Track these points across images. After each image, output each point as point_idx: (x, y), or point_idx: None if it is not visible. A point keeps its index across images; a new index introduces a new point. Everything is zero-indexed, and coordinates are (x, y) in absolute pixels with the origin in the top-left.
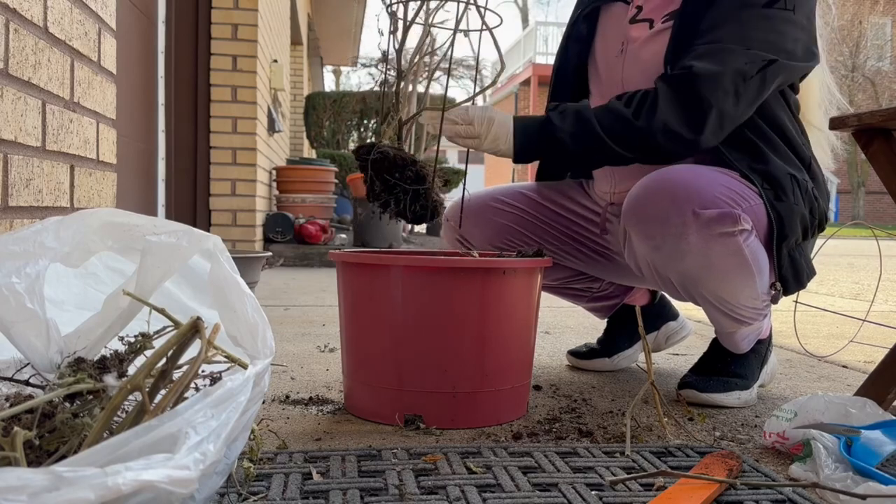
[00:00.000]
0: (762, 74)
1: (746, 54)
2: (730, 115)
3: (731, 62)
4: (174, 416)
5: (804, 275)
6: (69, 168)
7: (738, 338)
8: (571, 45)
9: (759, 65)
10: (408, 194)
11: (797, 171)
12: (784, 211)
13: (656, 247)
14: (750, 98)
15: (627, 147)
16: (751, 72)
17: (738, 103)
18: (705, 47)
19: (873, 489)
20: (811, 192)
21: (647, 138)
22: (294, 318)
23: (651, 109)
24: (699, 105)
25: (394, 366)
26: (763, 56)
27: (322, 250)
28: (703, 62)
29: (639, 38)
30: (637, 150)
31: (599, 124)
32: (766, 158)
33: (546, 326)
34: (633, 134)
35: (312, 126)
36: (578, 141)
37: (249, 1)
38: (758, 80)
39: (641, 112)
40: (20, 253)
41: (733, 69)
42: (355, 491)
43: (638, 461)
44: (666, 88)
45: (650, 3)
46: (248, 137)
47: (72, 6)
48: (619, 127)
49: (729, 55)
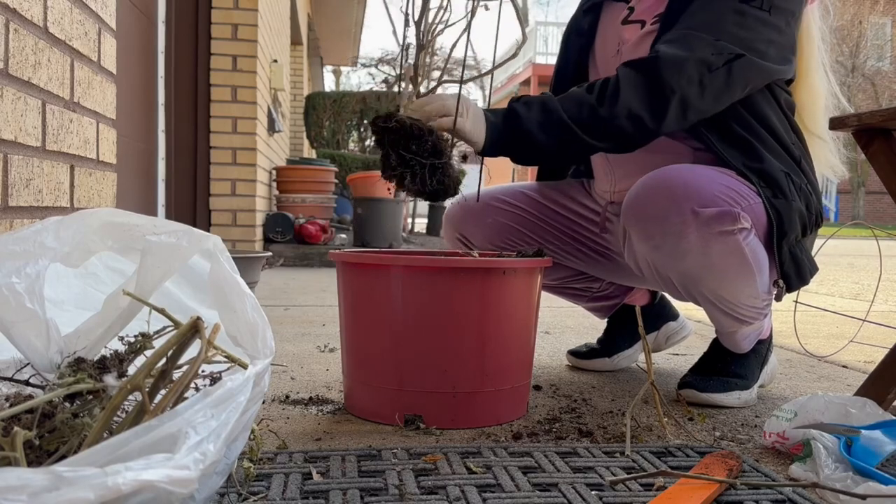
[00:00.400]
0: (728, 67)
1: (714, 45)
2: (694, 105)
3: (697, 49)
4: (174, 416)
5: (806, 270)
6: (69, 168)
7: (739, 337)
8: (573, 39)
9: (725, 57)
10: (424, 168)
11: (790, 168)
12: (783, 208)
13: (656, 246)
14: (716, 90)
15: (594, 134)
16: (717, 63)
17: (703, 94)
18: (674, 33)
19: (873, 489)
20: (805, 189)
21: (611, 123)
22: (294, 318)
23: (614, 95)
24: (661, 90)
25: (394, 366)
26: (730, 49)
27: (322, 250)
28: (670, 47)
29: (631, 39)
30: (603, 138)
31: (565, 112)
32: (761, 156)
33: (546, 326)
34: (597, 120)
35: (312, 126)
36: (546, 131)
37: (249, 1)
38: (723, 72)
39: (605, 98)
40: (20, 253)
41: (697, 57)
42: (355, 491)
43: (638, 461)
44: (628, 72)
45: (642, 4)
46: (248, 137)
47: (72, 6)
48: (585, 114)
49: (696, 42)
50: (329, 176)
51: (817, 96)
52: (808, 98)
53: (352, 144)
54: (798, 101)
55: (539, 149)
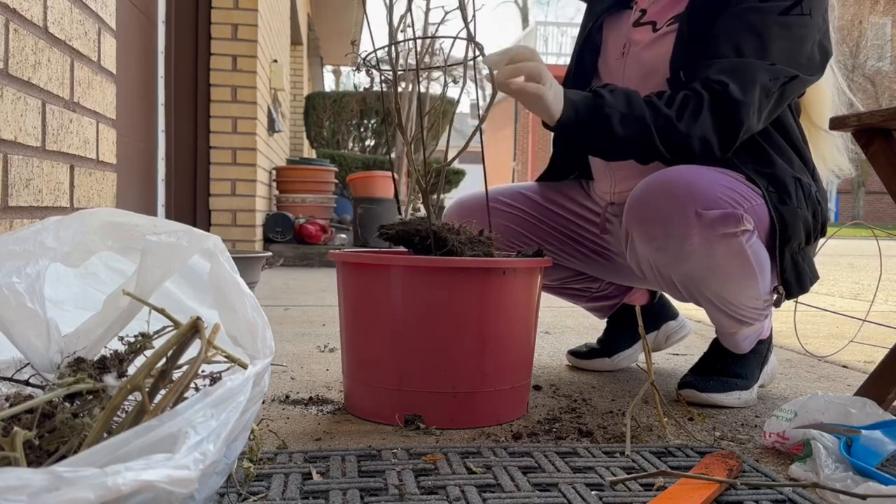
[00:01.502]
0: (782, 90)
1: (770, 70)
2: (751, 129)
3: (758, 79)
4: (174, 416)
5: (807, 278)
6: (69, 168)
7: (740, 338)
8: (587, 56)
9: (781, 81)
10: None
11: (802, 174)
12: (787, 214)
13: (659, 248)
14: (768, 112)
15: (665, 142)
16: (773, 88)
17: (760, 118)
18: (729, 62)
19: (873, 489)
20: (815, 196)
21: (684, 141)
22: (294, 318)
23: (694, 115)
24: (735, 125)
25: (394, 366)
26: (786, 72)
27: (322, 250)
28: (735, 82)
29: (641, 40)
30: (670, 149)
31: (649, 113)
32: (772, 161)
33: (546, 326)
34: (672, 133)
35: (312, 126)
36: (625, 123)
37: (249, 1)
38: (777, 95)
39: (684, 115)
40: (20, 253)
41: (760, 86)
42: (355, 491)
43: (638, 461)
44: (709, 99)
45: (655, 6)
46: (248, 137)
47: (72, 6)
48: (661, 123)
49: (756, 72)
50: (329, 176)
51: (824, 91)
52: (815, 93)
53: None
54: (804, 96)
55: (612, 138)
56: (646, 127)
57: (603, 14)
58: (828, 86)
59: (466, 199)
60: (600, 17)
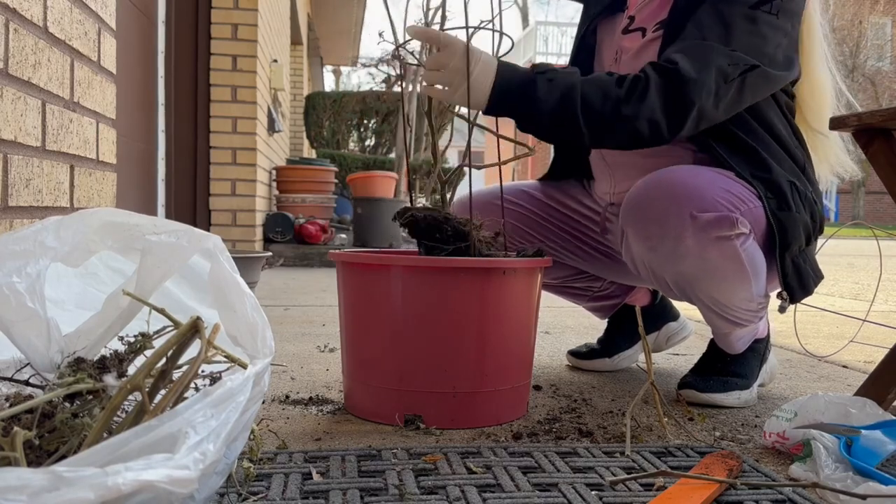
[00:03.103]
0: (742, 79)
1: (729, 55)
2: (707, 115)
3: (714, 61)
4: (174, 416)
5: (810, 281)
6: (69, 168)
7: (733, 338)
8: (583, 58)
9: (741, 68)
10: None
11: (795, 177)
12: (787, 220)
13: (652, 247)
14: (728, 101)
15: (605, 129)
16: (733, 73)
17: (718, 105)
18: (689, 43)
19: (873, 489)
20: (810, 198)
21: (630, 123)
22: (294, 318)
23: (641, 96)
24: (683, 102)
25: (394, 366)
26: (745, 60)
27: (322, 250)
28: (686, 59)
29: (631, 48)
30: (613, 133)
31: (583, 100)
32: (768, 166)
33: (546, 326)
34: (617, 116)
35: (312, 126)
36: (555, 119)
37: (249, 1)
38: (737, 83)
39: (633, 96)
40: (21, 252)
41: (716, 67)
42: (355, 491)
43: (638, 461)
44: (657, 79)
45: (642, 12)
46: (248, 137)
47: (71, 6)
48: (608, 107)
49: (712, 53)
50: (329, 176)
51: (823, 93)
52: (813, 95)
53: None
54: (802, 100)
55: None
56: (575, 124)
57: (596, 18)
58: (827, 87)
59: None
60: (594, 21)
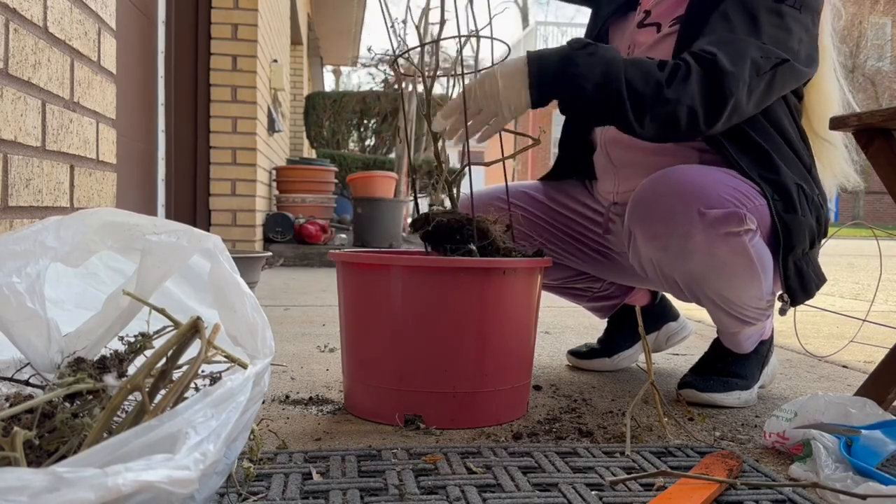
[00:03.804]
0: (773, 72)
1: (761, 48)
2: (740, 109)
3: (749, 53)
4: (174, 416)
5: (812, 284)
6: (69, 168)
7: (742, 338)
8: None
9: (772, 61)
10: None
11: (803, 179)
12: (792, 223)
13: (662, 247)
14: (759, 95)
15: (647, 112)
16: (765, 67)
17: (750, 98)
18: (720, 35)
19: (873, 489)
20: (817, 201)
21: (671, 107)
22: (294, 318)
23: (684, 80)
24: (723, 96)
25: (394, 366)
26: (776, 53)
27: (322, 250)
28: (723, 52)
29: (645, 42)
30: (653, 119)
31: (628, 80)
32: (776, 167)
33: (546, 326)
34: (659, 99)
35: (312, 126)
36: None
37: (249, 1)
38: (768, 77)
39: (675, 80)
40: (21, 252)
41: (751, 60)
42: (355, 491)
43: (638, 461)
44: (697, 68)
45: (658, 7)
46: (248, 137)
47: (71, 6)
48: (650, 89)
49: (745, 45)
50: (329, 176)
51: (830, 101)
52: (820, 103)
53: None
54: (810, 106)
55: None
56: (619, 99)
57: (609, 18)
58: (834, 96)
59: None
60: (606, 22)
